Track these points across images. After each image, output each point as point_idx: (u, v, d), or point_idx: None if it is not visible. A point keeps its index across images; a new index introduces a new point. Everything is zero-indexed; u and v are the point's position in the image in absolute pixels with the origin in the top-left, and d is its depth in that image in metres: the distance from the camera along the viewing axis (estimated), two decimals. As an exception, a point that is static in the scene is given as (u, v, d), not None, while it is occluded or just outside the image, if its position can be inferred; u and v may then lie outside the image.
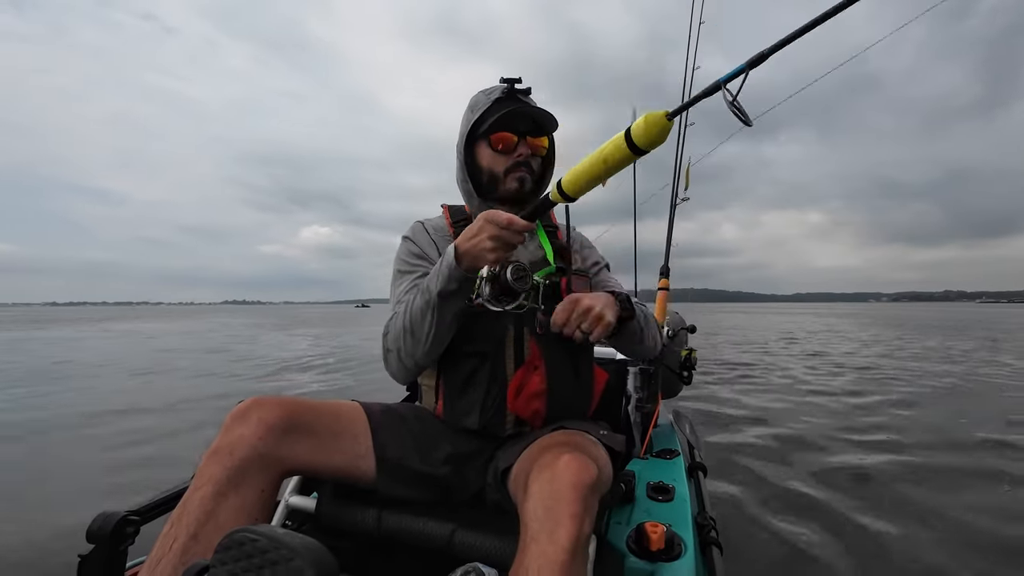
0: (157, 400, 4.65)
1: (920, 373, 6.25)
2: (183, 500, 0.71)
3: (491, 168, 1.02)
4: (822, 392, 4.97)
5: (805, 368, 6.75)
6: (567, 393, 0.99)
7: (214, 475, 0.72)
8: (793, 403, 4.42)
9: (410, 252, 1.06)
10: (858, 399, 4.63)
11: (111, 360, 8.04)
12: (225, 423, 0.77)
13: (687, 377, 1.82)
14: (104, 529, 0.74)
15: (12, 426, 3.72)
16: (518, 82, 1.01)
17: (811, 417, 3.87)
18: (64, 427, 3.68)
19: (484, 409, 0.94)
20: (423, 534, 0.83)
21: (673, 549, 0.84)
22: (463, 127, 1.03)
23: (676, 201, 2.43)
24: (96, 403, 4.53)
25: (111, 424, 3.71)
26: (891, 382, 5.60)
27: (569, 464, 0.69)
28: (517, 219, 0.79)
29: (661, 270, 2.31)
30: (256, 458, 0.74)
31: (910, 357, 8.03)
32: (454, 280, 0.84)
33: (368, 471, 0.87)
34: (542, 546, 0.62)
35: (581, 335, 0.85)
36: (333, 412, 0.87)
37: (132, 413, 4.10)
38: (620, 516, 0.98)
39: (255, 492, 0.74)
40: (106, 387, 5.48)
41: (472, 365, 0.96)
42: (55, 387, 5.40)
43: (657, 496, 1.07)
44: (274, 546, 0.48)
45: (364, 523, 0.87)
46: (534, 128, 1.03)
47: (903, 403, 4.44)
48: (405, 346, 0.91)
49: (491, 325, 0.96)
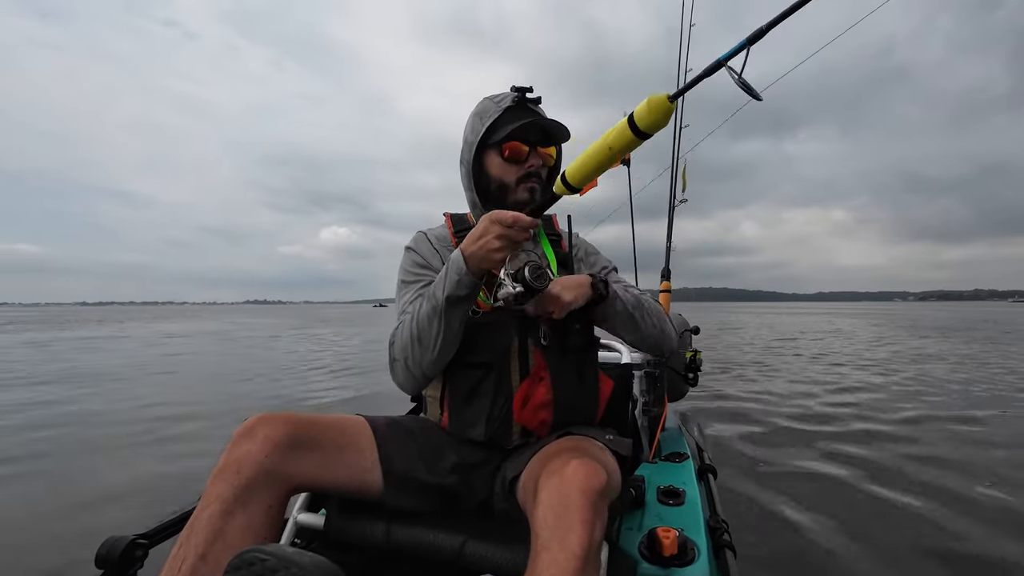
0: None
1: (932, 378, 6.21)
2: (191, 520, 0.71)
3: (501, 178, 1.02)
4: (832, 389, 4.94)
5: (815, 368, 6.72)
6: (573, 402, 0.98)
7: (221, 494, 0.71)
8: (801, 403, 4.40)
9: (413, 262, 1.06)
10: (868, 394, 4.60)
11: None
12: (231, 440, 0.77)
13: (693, 379, 1.81)
14: (113, 554, 0.73)
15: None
16: (529, 91, 1.01)
17: (823, 416, 3.85)
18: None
19: (490, 420, 0.94)
20: (433, 546, 0.83)
21: (686, 554, 0.83)
22: (470, 135, 1.03)
23: (674, 203, 2.44)
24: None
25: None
26: (897, 386, 5.57)
27: (577, 470, 0.69)
28: (522, 216, 0.80)
29: (662, 272, 2.31)
30: (262, 475, 0.74)
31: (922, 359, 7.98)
32: (464, 285, 0.85)
33: (375, 484, 0.86)
34: (553, 554, 0.62)
35: (546, 315, 0.90)
36: (338, 426, 0.87)
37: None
38: (631, 522, 0.97)
39: (262, 509, 0.74)
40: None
41: (477, 376, 0.95)
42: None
43: (668, 500, 1.06)
44: (284, 565, 0.48)
45: (373, 537, 0.86)
46: (544, 138, 1.03)
47: (916, 399, 4.42)
48: (413, 355, 0.91)
49: (495, 336, 0.96)
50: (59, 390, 5.29)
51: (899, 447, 2.97)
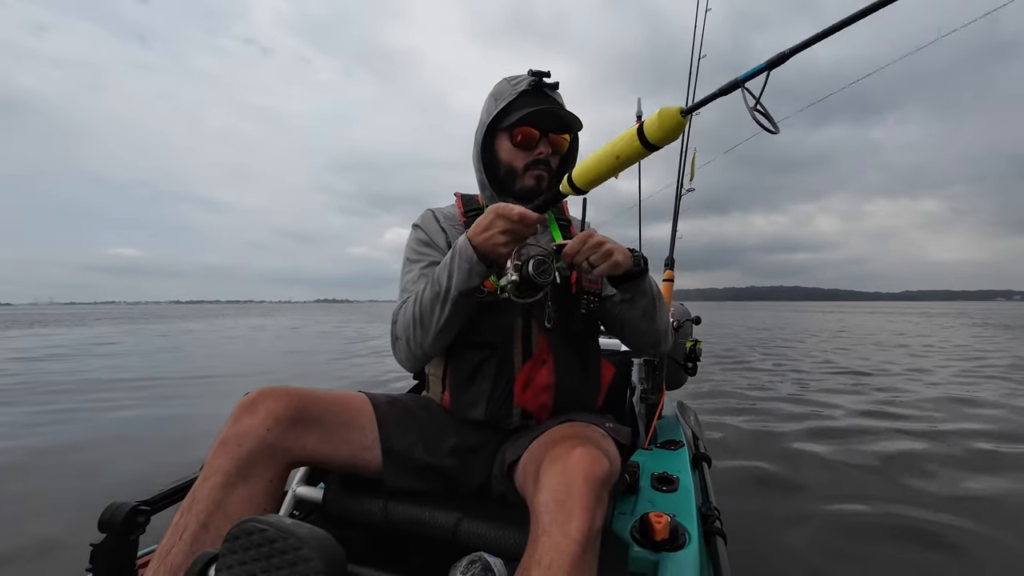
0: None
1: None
2: (192, 490, 0.72)
3: (510, 162, 1.01)
4: (839, 372, 4.95)
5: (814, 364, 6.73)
6: (575, 387, 0.99)
7: (223, 466, 0.73)
8: (805, 400, 4.41)
9: (418, 240, 1.06)
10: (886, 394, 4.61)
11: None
12: (233, 414, 0.78)
13: (692, 368, 1.82)
14: (115, 519, 0.75)
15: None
16: (547, 75, 0.99)
17: (821, 408, 3.87)
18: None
19: (491, 401, 0.94)
20: (429, 524, 0.84)
21: (677, 539, 0.85)
22: (484, 115, 1.02)
23: (681, 193, 2.42)
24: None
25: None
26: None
27: (582, 457, 0.69)
28: (528, 212, 0.80)
29: (665, 261, 2.29)
30: (264, 449, 0.75)
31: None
32: (476, 275, 0.85)
33: (374, 462, 0.87)
34: (554, 538, 0.62)
35: (588, 267, 0.86)
36: (340, 403, 0.88)
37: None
38: (624, 507, 0.98)
39: (263, 482, 0.75)
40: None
41: (480, 356, 0.96)
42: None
43: (661, 487, 1.07)
44: (282, 536, 0.48)
45: (370, 513, 0.88)
46: (557, 126, 1.01)
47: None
48: (414, 336, 0.92)
49: (499, 318, 0.96)
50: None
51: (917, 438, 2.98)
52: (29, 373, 6.27)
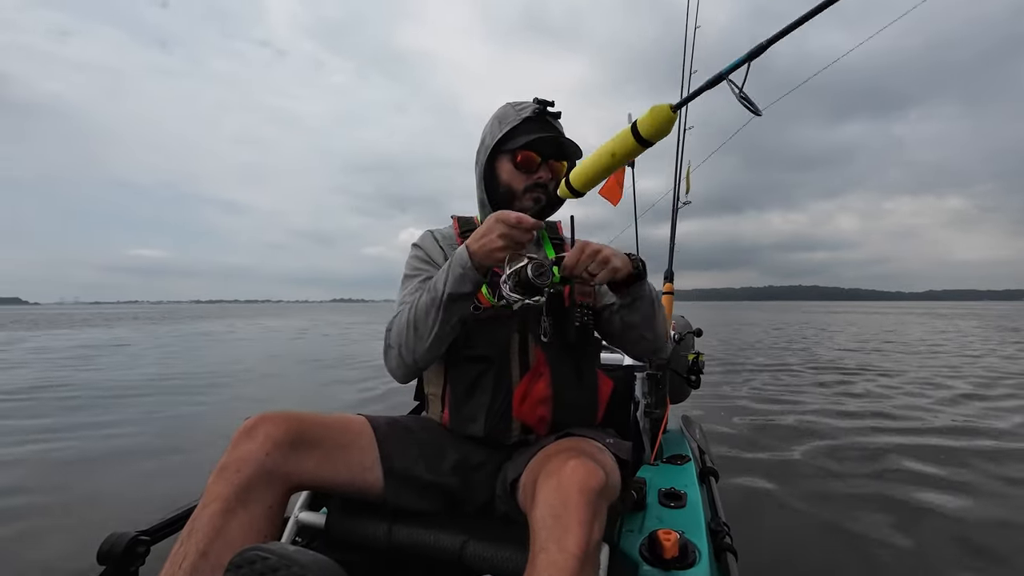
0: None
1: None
2: (192, 518, 0.71)
3: (510, 183, 1.04)
4: (843, 391, 4.92)
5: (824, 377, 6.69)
6: (572, 399, 0.99)
7: (221, 492, 0.72)
8: (810, 407, 4.38)
9: (418, 258, 1.09)
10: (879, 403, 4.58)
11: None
12: (232, 440, 0.77)
13: (695, 381, 1.80)
14: (115, 550, 0.74)
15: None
16: (551, 104, 1.04)
17: (827, 418, 3.83)
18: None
19: (490, 414, 0.94)
20: (434, 546, 0.83)
21: (687, 556, 0.83)
22: (487, 137, 1.06)
23: (677, 205, 2.43)
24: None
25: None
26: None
27: (576, 470, 0.69)
28: (526, 217, 0.82)
29: (665, 274, 2.30)
30: (263, 474, 0.74)
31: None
32: (468, 280, 0.86)
33: (375, 483, 0.86)
34: (552, 555, 0.62)
35: (588, 276, 0.87)
36: (339, 425, 0.87)
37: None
38: (632, 524, 0.97)
39: (263, 508, 0.74)
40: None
41: (479, 370, 0.96)
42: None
43: (669, 503, 1.06)
44: (285, 564, 0.48)
45: (374, 536, 0.86)
46: (557, 153, 1.05)
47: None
48: (407, 342, 0.92)
49: (496, 331, 0.97)
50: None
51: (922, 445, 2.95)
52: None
